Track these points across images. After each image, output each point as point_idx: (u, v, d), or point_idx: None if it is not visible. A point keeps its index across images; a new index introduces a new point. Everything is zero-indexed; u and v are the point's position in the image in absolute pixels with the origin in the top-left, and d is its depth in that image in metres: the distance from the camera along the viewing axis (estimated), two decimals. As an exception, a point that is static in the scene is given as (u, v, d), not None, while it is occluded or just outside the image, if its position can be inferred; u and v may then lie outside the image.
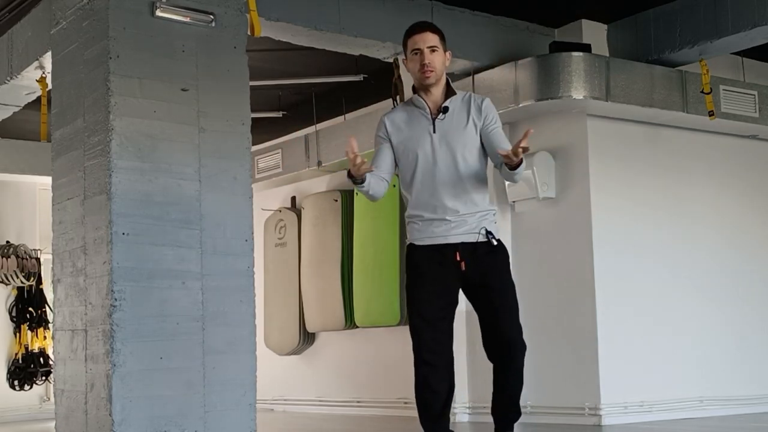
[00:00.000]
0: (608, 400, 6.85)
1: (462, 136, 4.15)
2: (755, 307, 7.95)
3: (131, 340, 4.75)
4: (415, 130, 4.18)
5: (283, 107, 9.15)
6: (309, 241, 9.36)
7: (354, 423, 8.03)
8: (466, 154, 4.14)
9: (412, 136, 4.18)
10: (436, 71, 4.13)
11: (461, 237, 4.13)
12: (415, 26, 4.21)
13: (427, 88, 4.18)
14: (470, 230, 4.14)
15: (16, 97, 6.90)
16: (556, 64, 6.81)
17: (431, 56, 4.12)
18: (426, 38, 4.13)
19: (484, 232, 4.14)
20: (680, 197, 7.61)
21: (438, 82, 4.18)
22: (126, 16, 4.96)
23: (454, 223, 4.13)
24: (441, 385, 4.18)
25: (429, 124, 4.17)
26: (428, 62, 4.11)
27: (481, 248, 4.14)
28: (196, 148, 5.10)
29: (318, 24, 6.14)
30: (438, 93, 4.19)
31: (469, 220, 4.14)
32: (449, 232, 4.13)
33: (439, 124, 4.16)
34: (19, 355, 9.96)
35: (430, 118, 4.18)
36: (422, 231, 4.19)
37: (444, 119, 4.16)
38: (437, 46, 4.14)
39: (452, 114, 4.17)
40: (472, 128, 4.16)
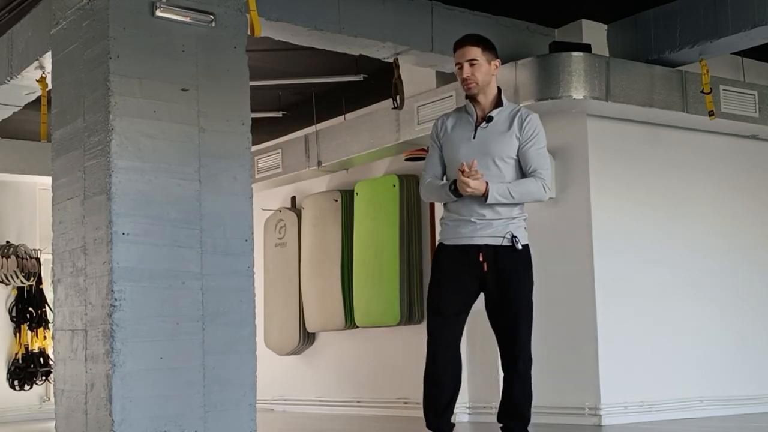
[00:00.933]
0: (608, 400, 6.85)
1: (499, 145, 4.32)
2: (755, 306, 7.95)
3: (131, 340, 4.75)
4: (459, 134, 4.38)
5: (283, 107, 9.15)
6: (309, 241, 9.36)
7: (354, 423, 8.03)
8: (500, 162, 4.31)
9: (455, 140, 4.37)
10: (478, 83, 4.33)
11: (486, 239, 4.30)
12: (458, 40, 4.41)
13: (473, 97, 4.38)
14: (495, 233, 4.31)
15: (16, 97, 6.90)
16: (556, 64, 6.81)
17: (470, 69, 4.33)
18: (465, 53, 4.34)
19: (510, 236, 4.31)
20: (680, 197, 7.61)
21: (484, 92, 4.37)
22: (126, 16, 4.96)
23: (480, 225, 4.30)
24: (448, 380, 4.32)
25: (471, 130, 4.36)
26: (467, 76, 4.33)
27: (504, 251, 4.30)
28: (196, 148, 5.10)
29: (318, 24, 6.14)
30: (486, 102, 4.39)
31: (494, 224, 4.31)
32: (474, 233, 4.30)
33: (480, 132, 4.34)
34: (19, 355, 9.96)
35: (474, 124, 4.37)
36: (451, 231, 4.37)
37: (486, 128, 4.34)
38: (477, 59, 4.33)
39: (495, 123, 4.34)
40: (511, 139, 4.31)
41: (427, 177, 4.48)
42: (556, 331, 7.16)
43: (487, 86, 4.37)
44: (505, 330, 4.32)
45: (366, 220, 8.75)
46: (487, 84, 4.37)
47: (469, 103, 4.43)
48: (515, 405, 4.33)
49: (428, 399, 4.32)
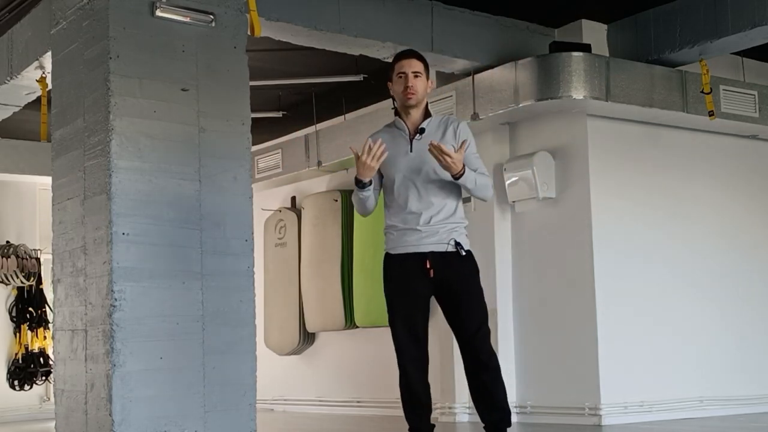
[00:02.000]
0: (608, 400, 6.85)
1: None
2: (755, 306, 7.95)
3: (131, 340, 4.75)
4: (395, 149, 4.49)
5: (283, 107, 9.15)
6: (309, 241, 9.36)
7: (354, 423, 8.03)
8: (439, 171, 4.41)
9: (392, 155, 4.47)
10: (417, 94, 4.49)
11: (431, 246, 4.42)
12: (402, 53, 4.60)
13: (407, 109, 4.52)
14: (440, 240, 4.43)
15: (16, 97, 6.90)
16: (556, 64, 6.81)
17: (414, 80, 4.47)
18: (411, 64, 4.51)
19: (454, 242, 4.42)
20: (680, 197, 7.61)
21: (418, 106, 4.52)
22: (126, 16, 4.96)
23: (425, 233, 4.42)
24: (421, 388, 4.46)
25: (407, 144, 4.50)
26: (411, 85, 4.47)
27: (450, 257, 4.42)
28: (196, 148, 5.10)
29: (318, 24, 6.14)
30: (417, 115, 4.54)
31: (440, 231, 4.43)
32: (420, 241, 4.43)
33: (416, 144, 4.48)
34: (19, 355, 9.96)
35: (408, 138, 4.50)
36: (396, 240, 4.50)
37: (420, 139, 4.47)
38: (421, 73, 4.50)
39: (428, 134, 4.47)
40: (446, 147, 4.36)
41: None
42: (556, 331, 7.16)
43: (422, 101, 4.53)
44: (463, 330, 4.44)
45: (366, 220, 8.73)
46: (422, 99, 4.53)
47: (398, 119, 4.56)
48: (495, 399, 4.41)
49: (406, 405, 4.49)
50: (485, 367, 4.41)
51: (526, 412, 7.28)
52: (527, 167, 7.19)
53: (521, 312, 7.42)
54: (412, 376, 4.44)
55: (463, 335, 4.44)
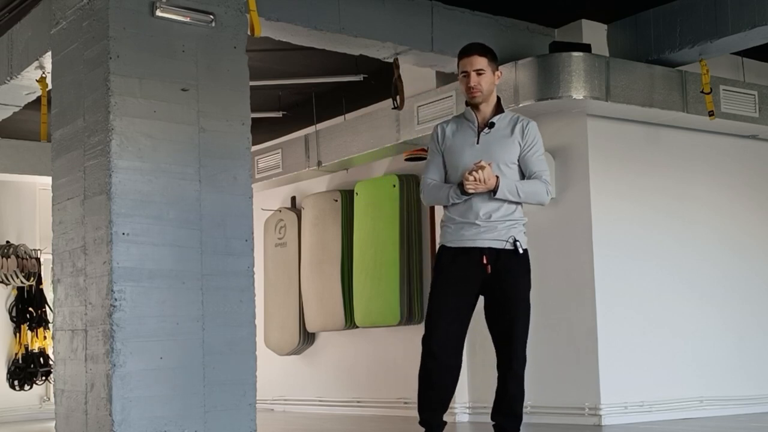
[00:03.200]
0: (608, 400, 6.85)
1: (502, 150, 4.42)
2: (755, 307, 7.95)
3: (131, 340, 4.75)
4: (461, 140, 4.47)
5: (283, 107, 9.15)
6: (309, 241, 9.36)
7: (354, 423, 8.03)
8: (504, 169, 4.39)
9: (458, 145, 4.46)
10: (483, 92, 4.44)
11: (489, 242, 4.38)
12: (465, 48, 4.54)
13: (475, 105, 4.47)
14: (498, 237, 4.39)
15: (16, 97, 6.90)
16: (556, 64, 6.80)
17: (477, 79, 4.44)
18: (473, 62, 4.46)
19: (512, 240, 4.40)
20: (680, 197, 7.61)
21: (487, 101, 4.48)
22: (126, 16, 4.96)
23: (484, 228, 4.37)
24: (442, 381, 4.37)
25: (474, 136, 4.46)
26: (473, 85, 4.44)
27: (507, 255, 4.39)
28: (196, 148, 5.10)
29: (318, 24, 6.14)
30: (487, 110, 4.50)
31: (498, 227, 4.39)
32: (478, 236, 4.38)
33: (483, 137, 4.44)
34: (19, 355, 9.96)
35: (476, 130, 4.46)
36: (453, 234, 4.43)
37: (489, 133, 4.44)
38: (484, 69, 4.45)
39: (497, 130, 4.44)
40: (513, 145, 4.42)
41: (428, 180, 4.54)
42: (556, 331, 7.16)
43: (488, 96, 4.48)
44: (504, 332, 4.42)
45: (366, 220, 8.75)
46: (490, 93, 4.48)
47: (469, 110, 4.51)
48: (510, 404, 4.44)
49: (423, 397, 4.39)
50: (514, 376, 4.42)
51: (526, 412, 7.22)
52: (527, 167, 7.17)
53: (521, 312, 7.41)
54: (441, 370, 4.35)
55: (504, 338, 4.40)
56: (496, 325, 4.42)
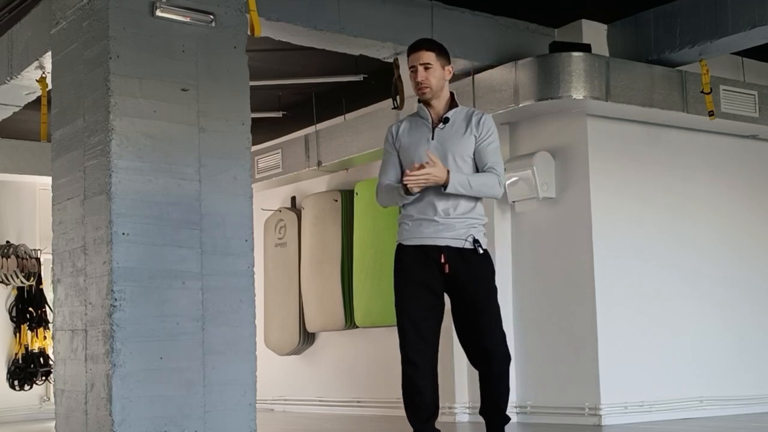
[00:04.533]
0: (608, 400, 6.85)
1: (458, 145, 4.32)
2: (755, 307, 7.95)
3: (131, 340, 4.75)
4: (416, 137, 4.38)
5: (283, 107, 9.15)
6: (309, 241, 9.36)
7: (354, 423, 8.03)
8: (460, 162, 4.29)
9: (413, 143, 4.37)
10: (431, 87, 4.35)
11: (447, 240, 4.26)
12: (412, 45, 4.42)
13: (427, 101, 4.40)
14: (457, 236, 4.27)
15: (16, 97, 6.90)
16: (556, 64, 6.81)
17: (425, 73, 4.33)
18: (420, 56, 4.35)
19: (471, 239, 4.27)
20: (680, 197, 7.61)
21: (438, 96, 4.39)
22: (126, 16, 4.96)
23: (442, 225, 4.26)
24: (425, 385, 4.25)
25: (429, 132, 4.37)
26: (421, 80, 4.34)
27: (467, 254, 4.26)
28: (196, 148, 5.10)
29: (318, 24, 6.14)
30: (440, 105, 4.41)
31: (456, 225, 4.26)
32: (437, 234, 4.26)
33: (438, 133, 4.35)
34: (19, 355, 9.96)
35: (430, 127, 4.38)
36: (411, 231, 4.32)
37: (443, 128, 4.36)
38: (431, 64, 4.34)
39: (452, 124, 4.36)
40: (469, 139, 4.33)
41: (383, 181, 4.44)
42: (556, 331, 7.16)
43: (440, 90, 4.39)
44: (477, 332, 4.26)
45: (366, 220, 8.75)
46: (441, 88, 4.39)
47: (422, 107, 4.43)
48: (495, 402, 4.31)
49: (411, 407, 4.27)
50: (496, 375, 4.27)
51: (526, 412, 7.28)
52: (527, 167, 7.18)
53: (521, 312, 7.42)
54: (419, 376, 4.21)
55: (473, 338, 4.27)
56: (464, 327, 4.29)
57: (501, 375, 4.28)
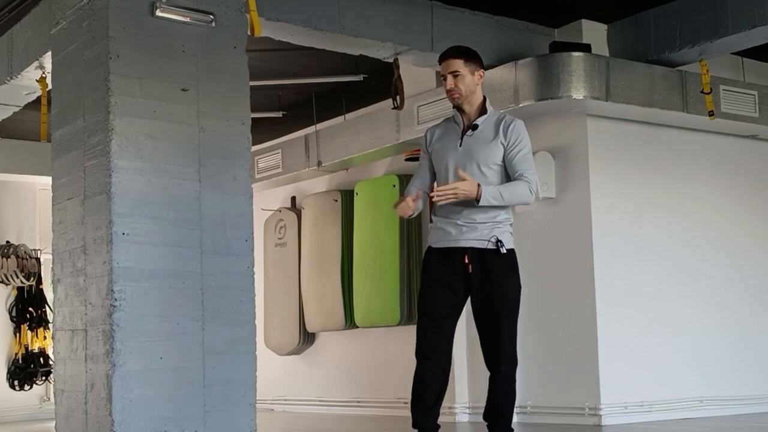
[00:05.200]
0: (608, 400, 6.86)
1: (485, 151, 4.44)
2: (755, 307, 7.95)
3: (131, 340, 4.75)
4: (447, 143, 4.53)
5: (283, 107, 9.15)
6: (309, 241, 9.36)
7: (354, 423, 8.04)
8: (485, 169, 4.42)
9: (443, 149, 4.53)
10: (462, 94, 4.47)
11: (471, 242, 4.40)
12: (442, 53, 4.56)
13: (459, 108, 4.52)
14: (481, 237, 4.40)
15: (16, 97, 6.90)
16: (556, 64, 6.81)
17: (453, 81, 4.47)
18: (449, 65, 4.49)
19: (495, 239, 4.39)
20: (680, 197, 7.61)
21: (469, 102, 4.51)
22: (126, 16, 4.96)
23: (466, 228, 4.40)
24: (435, 381, 4.41)
25: (458, 138, 4.50)
26: (450, 88, 4.48)
27: (489, 254, 4.39)
28: (196, 148, 5.10)
29: (318, 24, 6.14)
30: (472, 111, 4.53)
31: (480, 227, 4.40)
32: (460, 236, 4.41)
33: (466, 139, 4.48)
34: (19, 355, 9.96)
35: (460, 133, 4.51)
36: (438, 235, 4.50)
37: (472, 135, 4.48)
38: (459, 71, 4.46)
39: (481, 131, 4.47)
40: (497, 145, 4.44)
41: (412, 186, 4.62)
42: (556, 331, 7.16)
43: (471, 95, 4.51)
44: (489, 332, 4.42)
45: (366, 220, 8.75)
46: (471, 93, 4.51)
47: (456, 113, 4.57)
48: (499, 406, 4.44)
49: (416, 399, 4.43)
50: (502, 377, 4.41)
51: (526, 412, 7.28)
52: (527, 167, 7.17)
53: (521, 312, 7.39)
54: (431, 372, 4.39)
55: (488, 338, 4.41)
56: (483, 327, 4.44)
57: (507, 377, 4.41)
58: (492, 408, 4.45)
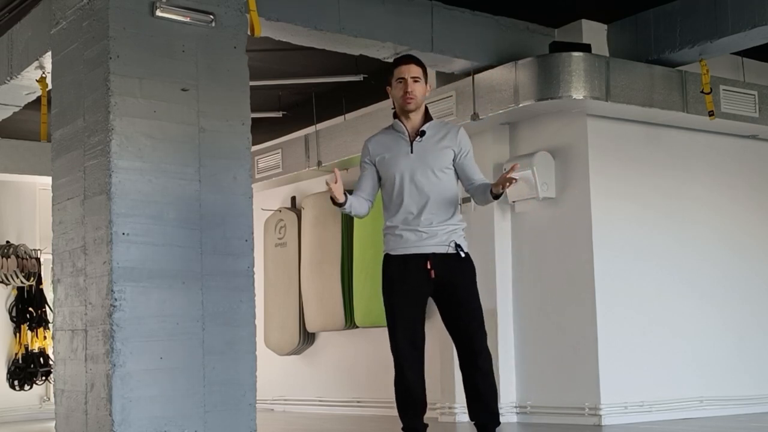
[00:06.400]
0: (608, 400, 6.85)
1: (437, 157, 4.53)
2: (755, 307, 7.95)
3: (131, 340, 4.75)
4: (395, 151, 4.58)
5: (283, 107, 9.15)
6: (309, 241, 9.36)
7: (354, 423, 8.03)
8: (439, 173, 4.52)
9: (392, 157, 4.57)
10: (416, 99, 4.55)
11: (432, 248, 4.48)
12: (402, 58, 4.68)
13: (407, 113, 4.58)
14: (441, 242, 4.49)
15: (16, 97, 6.90)
16: (556, 64, 6.80)
17: (414, 85, 4.53)
18: (411, 69, 4.57)
19: (454, 245, 4.49)
20: (680, 197, 7.61)
21: (418, 110, 4.59)
22: (126, 16, 4.96)
23: (426, 234, 4.48)
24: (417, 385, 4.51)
25: (407, 146, 4.56)
26: (410, 90, 4.54)
27: (450, 259, 4.48)
28: (196, 148, 5.10)
29: (318, 24, 6.14)
30: (417, 119, 4.60)
31: (439, 233, 4.49)
32: (421, 242, 4.49)
33: (416, 146, 4.55)
34: (19, 355, 9.96)
35: (408, 140, 4.57)
36: (396, 241, 4.54)
37: (421, 141, 4.55)
38: (419, 78, 4.56)
39: (429, 137, 4.55)
40: (446, 151, 4.54)
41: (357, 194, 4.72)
42: (556, 331, 7.16)
43: (421, 104, 4.59)
44: (464, 333, 4.49)
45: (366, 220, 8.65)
46: (422, 103, 4.60)
47: (397, 122, 4.62)
48: (485, 402, 4.49)
49: (401, 404, 4.54)
50: (482, 373, 4.48)
51: (526, 412, 7.28)
52: (527, 167, 7.18)
53: (521, 312, 7.42)
54: (409, 377, 4.50)
55: (463, 337, 4.49)
56: (455, 328, 4.52)
57: (487, 372, 4.49)
58: (478, 406, 4.50)
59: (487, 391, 4.48)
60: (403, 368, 4.52)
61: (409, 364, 4.51)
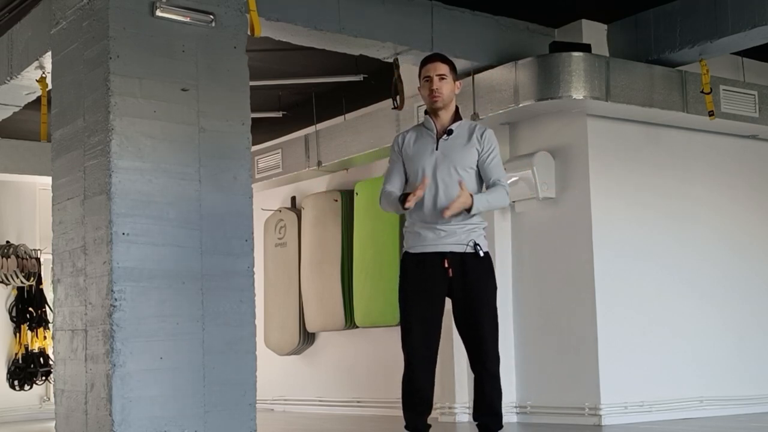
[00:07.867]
0: (608, 400, 6.85)
1: (461, 156, 4.55)
2: (755, 307, 7.95)
3: (131, 340, 4.75)
4: (421, 147, 4.60)
5: (283, 107, 9.15)
6: (309, 241, 9.36)
7: (354, 423, 8.04)
8: (462, 172, 4.53)
9: (418, 153, 4.60)
10: (443, 97, 4.56)
11: (450, 246, 4.49)
12: (428, 57, 4.69)
13: (436, 111, 4.60)
14: (459, 241, 4.50)
15: (16, 97, 6.90)
16: (556, 64, 6.81)
17: (440, 83, 4.56)
18: (437, 67, 4.58)
19: (473, 243, 4.50)
20: (680, 197, 7.61)
21: (446, 108, 4.61)
22: (126, 16, 4.96)
23: (444, 233, 4.49)
24: (426, 385, 4.50)
25: (433, 143, 4.58)
26: (436, 88, 4.55)
27: (468, 258, 4.50)
28: (196, 148, 5.10)
29: (318, 24, 6.14)
30: (446, 117, 4.62)
31: (458, 232, 4.50)
32: (439, 240, 4.50)
33: (442, 144, 4.57)
34: (19, 355, 9.96)
35: (435, 137, 4.59)
36: (415, 239, 4.56)
37: (447, 140, 4.58)
38: (446, 75, 4.58)
39: (456, 136, 4.58)
40: (471, 151, 4.56)
41: (387, 188, 4.67)
42: (556, 331, 7.16)
43: (449, 102, 4.61)
44: (473, 333, 4.50)
45: (366, 220, 8.75)
46: (450, 101, 4.61)
47: (428, 119, 4.64)
48: (489, 403, 4.51)
49: (407, 402, 4.52)
50: (489, 375, 4.49)
51: (526, 412, 7.28)
52: (527, 167, 7.18)
53: (521, 312, 7.42)
54: (420, 377, 4.47)
55: (474, 338, 4.49)
56: (466, 328, 4.52)
57: (494, 375, 4.50)
58: (484, 408, 4.52)
59: (491, 393, 4.49)
60: (414, 368, 4.48)
61: (420, 364, 4.48)
